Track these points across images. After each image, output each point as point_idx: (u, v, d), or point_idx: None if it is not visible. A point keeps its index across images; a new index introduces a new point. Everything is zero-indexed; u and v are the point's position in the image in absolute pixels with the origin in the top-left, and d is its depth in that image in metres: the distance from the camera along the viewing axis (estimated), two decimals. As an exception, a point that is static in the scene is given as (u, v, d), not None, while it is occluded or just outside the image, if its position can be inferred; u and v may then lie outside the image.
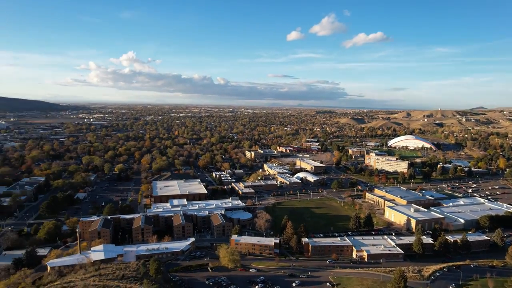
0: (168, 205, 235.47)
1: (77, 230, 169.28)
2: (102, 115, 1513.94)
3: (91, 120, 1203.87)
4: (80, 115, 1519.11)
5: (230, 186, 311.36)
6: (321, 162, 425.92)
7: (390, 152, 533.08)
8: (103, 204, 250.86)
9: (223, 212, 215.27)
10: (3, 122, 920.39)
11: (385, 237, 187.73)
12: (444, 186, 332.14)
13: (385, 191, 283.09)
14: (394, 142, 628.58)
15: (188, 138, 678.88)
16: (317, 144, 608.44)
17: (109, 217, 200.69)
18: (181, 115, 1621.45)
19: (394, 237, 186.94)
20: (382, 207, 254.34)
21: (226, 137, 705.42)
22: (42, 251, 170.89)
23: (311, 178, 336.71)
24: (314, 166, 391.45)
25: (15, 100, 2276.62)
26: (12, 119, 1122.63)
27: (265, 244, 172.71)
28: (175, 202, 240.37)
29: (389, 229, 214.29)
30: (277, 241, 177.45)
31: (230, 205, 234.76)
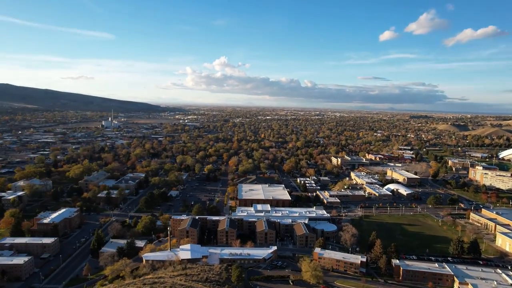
0: (252, 209, 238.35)
1: (168, 228, 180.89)
2: (195, 117, 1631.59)
3: (186, 121, 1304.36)
4: (177, 116, 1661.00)
5: (314, 194, 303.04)
6: (415, 174, 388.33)
7: (502, 166, 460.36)
8: (192, 203, 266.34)
9: (306, 221, 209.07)
10: (116, 122, 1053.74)
11: (498, 270, 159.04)
12: None
13: (497, 213, 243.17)
14: (507, 154, 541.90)
15: (274, 141, 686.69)
16: (411, 152, 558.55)
17: (197, 217, 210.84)
18: (267, 117, 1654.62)
19: (511, 272, 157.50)
20: (493, 231, 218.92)
21: (312, 141, 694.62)
22: (139, 243, 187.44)
23: (403, 191, 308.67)
24: (407, 178, 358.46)
25: (126, 103, 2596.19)
26: (123, 119, 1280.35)
27: (351, 262, 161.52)
28: (259, 207, 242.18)
29: (502, 260, 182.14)
30: (364, 259, 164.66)
31: (314, 214, 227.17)
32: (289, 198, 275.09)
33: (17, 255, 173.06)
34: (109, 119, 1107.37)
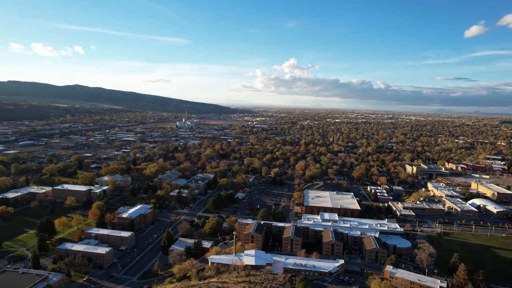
0: (318, 217, 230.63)
1: (234, 233, 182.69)
2: (263, 118, 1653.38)
3: (254, 123, 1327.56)
4: (246, 118, 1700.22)
5: (386, 205, 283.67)
6: (508, 188, 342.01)
7: None
8: (258, 207, 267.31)
9: (377, 235, 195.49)
10: (189, 123, 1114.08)
11: None
12: None
13: None
14: None
15: (343, 145, 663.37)
16: (502, 163, 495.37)
17: (262, 222, 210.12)
18: (336, 120, 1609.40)
19: None
20: None
21: (384, 147, 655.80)
22: (205, 244, 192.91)
23: (492, 208, 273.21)
24: (498, 193, 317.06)
25: (199, 104, 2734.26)
26: (195, 120, 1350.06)
27: (428, 286, 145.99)
28: (326, 215, 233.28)
29: None
30: (444, 284, 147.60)
31: (385, 228, 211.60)
32: (359, 208, 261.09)
33: (100, 244, 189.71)
34: (183, 120, 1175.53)
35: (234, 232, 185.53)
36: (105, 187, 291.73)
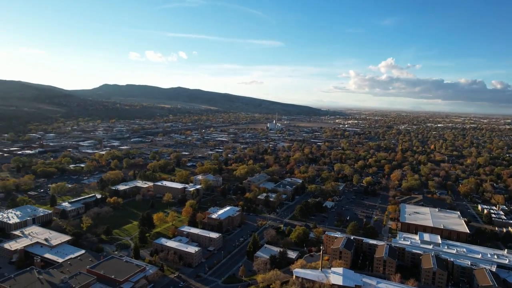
0: (416, 238, 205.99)
1: (321, 248, 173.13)
2: (356, 121, 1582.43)
3: (346, 126, 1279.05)
4: (337, 120, 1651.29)
5: (504, 230, 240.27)
6: None
7: None
8: (347, 218, 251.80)
9: (493, 268, 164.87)
10: (279, 124, 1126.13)
11: None
12: None
13: None
14: None
15: (446, 154, 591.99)
16: None
17: (352, 237, 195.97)
18: (439, 125, 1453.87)
19: None
20: None
21: (500, 158, 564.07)
22: (291, 254, 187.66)
23: None
24: None
25: (290, 105, 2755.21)
26: (286, 122, 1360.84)
27: None
28: (426, 236, 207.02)
29: None
30: None
31: (506, 261, 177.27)
32: (467, 230, 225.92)
33: (191, 243, 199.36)
34: (273, 121, 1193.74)
35: (321, 247, 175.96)
36: (198, 186, 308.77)
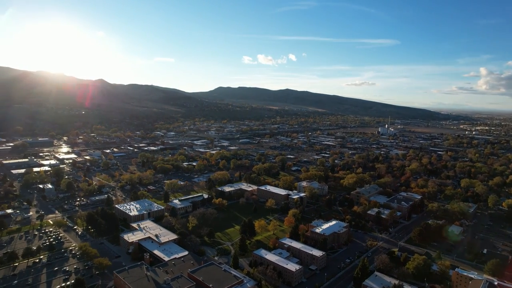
0: None
1: (449, 283, 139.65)
2: (487, 128, 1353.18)
3: (474, 132, 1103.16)
4: (462, 126, 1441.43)
5: None
6: None
7: None
8: (484, 252, 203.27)
9: None
10: (392, 129, 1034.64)
11: None
12: None
13: None
14: None
15: None
16: None
17: (495, 282, 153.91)
18: None
19: None
20: None
21: None
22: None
23: None
24: None
25: (403, 108, 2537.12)
26: (399, 126, 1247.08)
27: None
28: None
29: None
30: None
31: None
32: None
33: (291, 258, 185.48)
34: (386, 125, 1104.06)
35: (448, 283, 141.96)
36: (302, 194, 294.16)
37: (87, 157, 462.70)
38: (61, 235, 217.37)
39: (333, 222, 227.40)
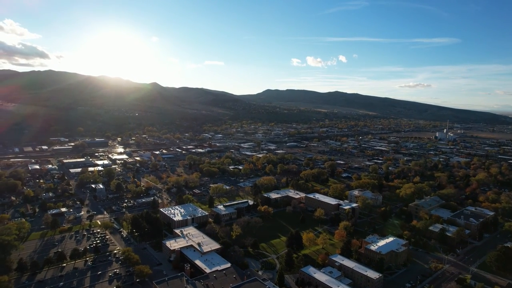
0: None
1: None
2: None
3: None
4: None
5: None
6: None
7: None
8: None
9: None
10: (451, 134, 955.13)
11: None
12: None
13: None
14: None
15: None
16: None
17: None
18: None
19: None
20: None
21: None
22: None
23: None
24: None
25: (463, 111, 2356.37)
26: (459, 131, 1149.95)
27: None
28: None
29: None
30: None
31: None
32: None
33: (343, 278, 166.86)
34: (444, 130, 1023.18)
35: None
36: (354, 204, 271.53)
37: (137, 158, 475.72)
38: (107, 237, 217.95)
39: (391, 239, 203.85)
